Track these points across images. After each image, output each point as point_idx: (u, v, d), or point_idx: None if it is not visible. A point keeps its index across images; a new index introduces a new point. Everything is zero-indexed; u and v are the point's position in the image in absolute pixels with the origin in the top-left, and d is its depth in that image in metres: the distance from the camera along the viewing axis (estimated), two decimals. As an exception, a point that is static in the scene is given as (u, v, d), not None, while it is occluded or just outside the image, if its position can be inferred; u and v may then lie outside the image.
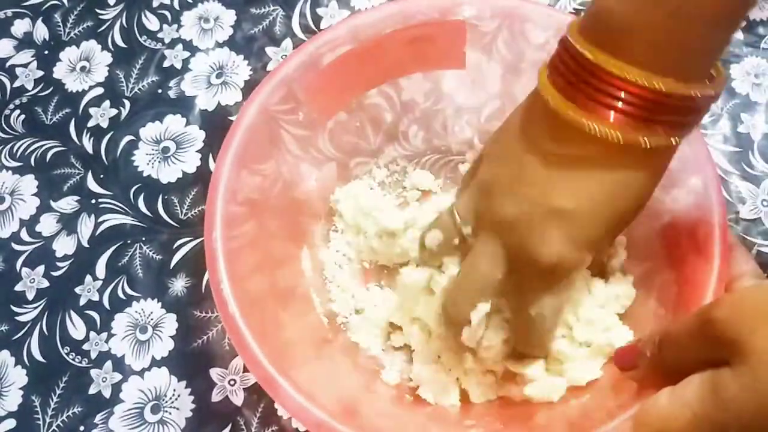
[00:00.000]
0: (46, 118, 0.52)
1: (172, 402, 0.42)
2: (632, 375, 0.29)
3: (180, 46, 0.54)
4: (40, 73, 0.54)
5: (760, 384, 0.21)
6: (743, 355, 0.22)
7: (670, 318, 0.33)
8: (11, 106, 0.53)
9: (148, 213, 0.48)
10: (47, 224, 0.48)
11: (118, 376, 0.43)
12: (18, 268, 0.47)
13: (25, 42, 0.56)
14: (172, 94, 0.52)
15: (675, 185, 0.35)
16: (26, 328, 0.45)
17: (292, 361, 0.33)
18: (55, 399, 0.43)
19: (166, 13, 0.56)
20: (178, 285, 0.45)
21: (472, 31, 0.39)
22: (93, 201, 0.49)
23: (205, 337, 0.43)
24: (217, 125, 0.50)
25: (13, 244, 0.48)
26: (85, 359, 0.44)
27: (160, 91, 0.52)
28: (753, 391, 0.21)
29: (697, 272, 0.31)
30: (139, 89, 0.53)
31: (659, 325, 0.33)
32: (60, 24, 0.56)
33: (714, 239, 0.32)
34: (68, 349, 0.44)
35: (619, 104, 0.25)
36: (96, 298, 0.45)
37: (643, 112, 0.25)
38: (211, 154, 0.49)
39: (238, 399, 0.41)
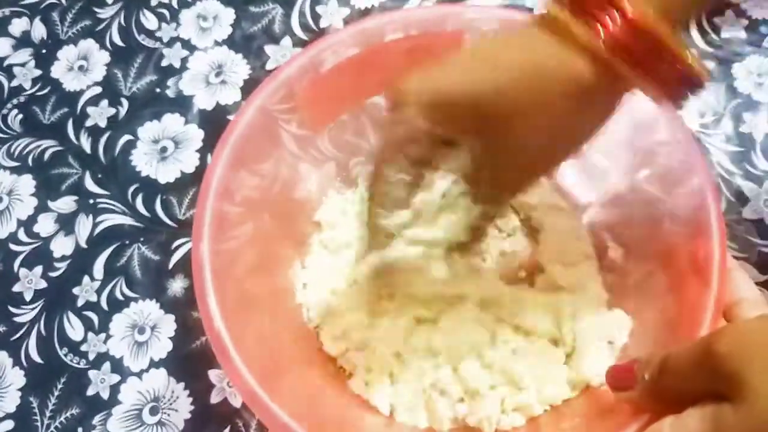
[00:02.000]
0: (44, 118, 0.52)
1: (171, 403, 0.42)
2: (625, 397, 0.28)
3: (178, 45, 0.54)
4: (38, 72, 0.54)
5: (759, 422, 0.21)
6: (743, 391, 0.22)
7: (667, 341, 0.33)
8: (9, 105, 0.53)
9: (146, 213, 0.48)
10: (45, 224, 0.48)
11: (116, 378, 0.43)
12: (16, 269, 0.47)
13: (23, 41, 0.56)
14: (170, 93, 0.52)
15: (677, 186, 0.35)
16: (24, 329, 0.45)
17: (279, 374, 0.33)
18: (53, 400, 0.43)
19: (165, 11, 0.55)
20: (177, 286, 0.45)
21: (471, 29, 0.39)
22: (91, 201, 0.48)
23: (203, 338, 0.43)
24: (215, 124, 0.50)
25: (10, 245, 0.48)
26: (84, 360, 0.44)
27: (158, 90, 0.52)
28: (753, 429, 0.21)
29: (696, 296, 0.31)
30: (138, 88, 0.52)
31: (656, 348, 0.33)
32: (58, 23, 0.56)
33: (713, 262, 0.31)
34: (66, 350, 0.44)
35: (609, 24, 0.25)
36: (94, 298, 0.45)
37: (627, 39, 0.25)
38: (209, 154, 0.49)
39: (236, 401, 0.41)
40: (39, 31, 0.56)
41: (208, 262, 0.32)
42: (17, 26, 0.57)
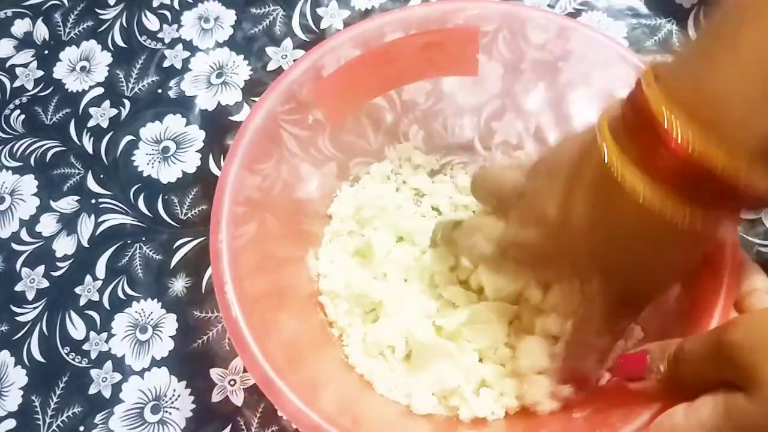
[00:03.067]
0: (46, 118, 0.52)
1: (172, 402, 0.42)
2: (635, 386, 0.28)
3: (180, 46, 0.54)
4: (40, 73, 0.54)
5: None
6: (757, 381, 0.22)
7: (677, 331, 0.32)
8: (11, 105, 0.53)
9: (148, 213, 0.48)
10: (47, 224, 0.48)
11: (118, 376, 0.43)
12: (18, 268, 0.47)
13: (26, 42, 0.56)
14: (172, 94, 0.52)
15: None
16: (26, 328, 0.45)
17: (293, 364, 0.33)
18: (55, 399, 0.43)
19: (166, 12, 0.56)
20: (178, 285, 0.45)
21: (474, 25, 0.39)
22: (93, 201, 0.49)
23: (205, 337, 0.43)
24: (217, 125, 0.50)
25: (13, 244, 0.48)
26: (85, 359, 0.44)
27: (160, 91, 0.52)
28: (766, 418, 0.22)
29: (706, 288, 0.31)
30: (139, 89, 0.53)
31: (666, 337, 0.33)
32: (60, 24, 0.56)
33: (724, 255, 0.31)
34: (68, 349, 0.44)
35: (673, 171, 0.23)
36: (96, 298, 0.45)
37: (704, 192, 0.23)
38: (211, 154, 0.49)
39: (238, 399, 0.41)
40: (41, 31, 0.56)
41: (226, 252, 0.33)
42: (19, 27, 0.57)
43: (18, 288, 0.47)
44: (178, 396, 0.42)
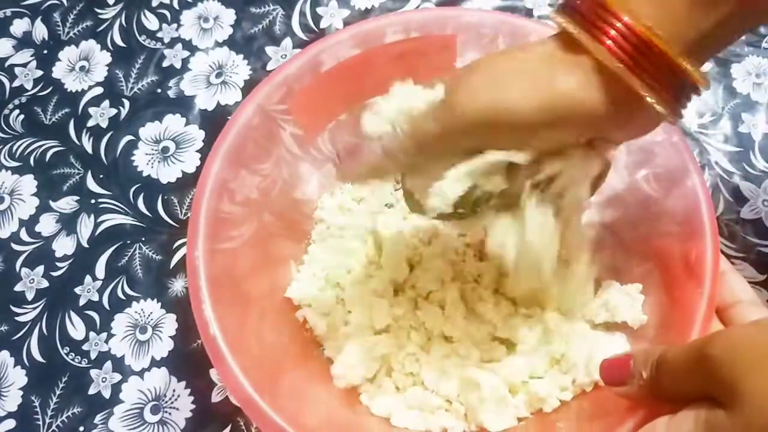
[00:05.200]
0: (46, 118, 0.52)
1: (172, 402, 0.42)
2: (618, 391, 0.28)
3: (179, 46, 0.54)
4: (40, 72, 0.54)
5: (751, 427, 0.21)
6: (737, 396, 0.22)
7: (660, 339, 0.33)
8: (10, 105, 0.53)
9: (147, 213, 0.48)
10: (47, 224, 0.48)
11: (117, 377, 0.43)
12: (17, 269, 0.47)
13: (25, 41, 0.56)
14: (171, 93, 0.52)
15: (674, 186, 0.35)
16: (26, 329, 0.45)
17: (276, 376, 0.33)
18: (54, 399, 0.43)
19: (166, 12, 0.55)
20: (178, 285, 0.45)
21: (473, 32, 0.39)
22: (92, 201, 0.49)
23: (204, 338, 0.43)
24: (216, 125, 0.50)
25: (12, 244, 0.48)
26: (85, 359, 0.44)
27: (159, 90, 0.52)
28: None
29: (689, 297, 0.32)
30: (139, 89, 0.53)
31: (650, 345, 0.33)
32: (59, 23, 0.56)
33: (706, 264, 0.32)
34: (68, 349, 0.44)
35: (614, 40, 0.25)
36: (96, 298, 0.45)
37: (634, 55, 0.25)
38: (210, 154, 0.49)
39: (237, 399, 0.41)
40: (40, 31, 0.56)
41: (203, 267, 0.33)
42: (18, 27, 0.57)
43: (18, 288, 0.47)
44: (178, 396, 0.42)
